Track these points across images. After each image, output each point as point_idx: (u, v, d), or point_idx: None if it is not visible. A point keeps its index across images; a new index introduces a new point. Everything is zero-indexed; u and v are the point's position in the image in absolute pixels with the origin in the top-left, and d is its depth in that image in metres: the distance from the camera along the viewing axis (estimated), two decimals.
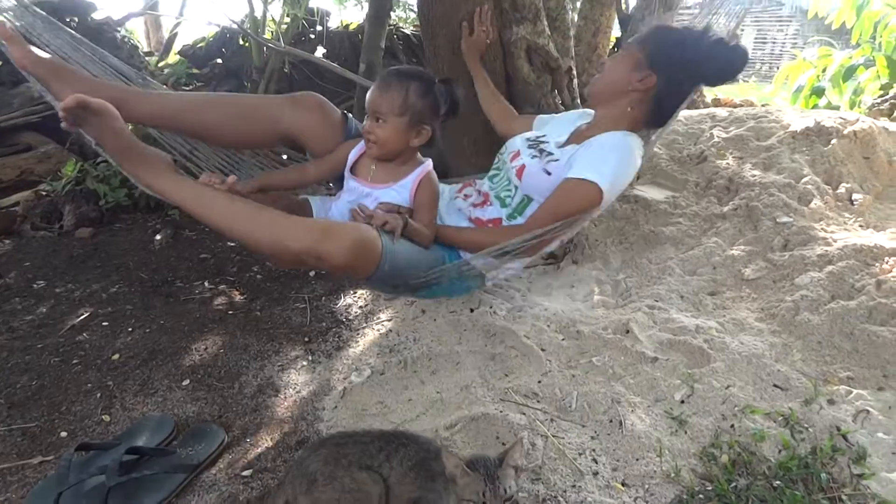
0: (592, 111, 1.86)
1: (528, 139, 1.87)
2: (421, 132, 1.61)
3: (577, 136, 1.79)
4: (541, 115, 2.09)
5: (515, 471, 1.21)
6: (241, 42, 5.04)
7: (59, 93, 1.56)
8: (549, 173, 1.67)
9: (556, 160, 1.69)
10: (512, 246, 1.58)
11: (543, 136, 1.87)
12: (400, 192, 1.64)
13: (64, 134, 3.94)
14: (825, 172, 2.65)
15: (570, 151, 1.70)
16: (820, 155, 2.70)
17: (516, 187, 1.76)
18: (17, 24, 1.63)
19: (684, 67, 1.67)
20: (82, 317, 2.38)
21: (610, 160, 1.62)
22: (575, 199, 1.61)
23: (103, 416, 1.82)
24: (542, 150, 1.76)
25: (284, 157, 2.14)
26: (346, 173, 1.74)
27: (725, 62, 1.69)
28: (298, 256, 1.38)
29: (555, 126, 1.94)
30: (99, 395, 1.91)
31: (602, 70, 1.81)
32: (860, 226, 2.41)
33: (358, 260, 1.42)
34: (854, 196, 2.53)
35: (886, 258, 2.08)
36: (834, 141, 2.72)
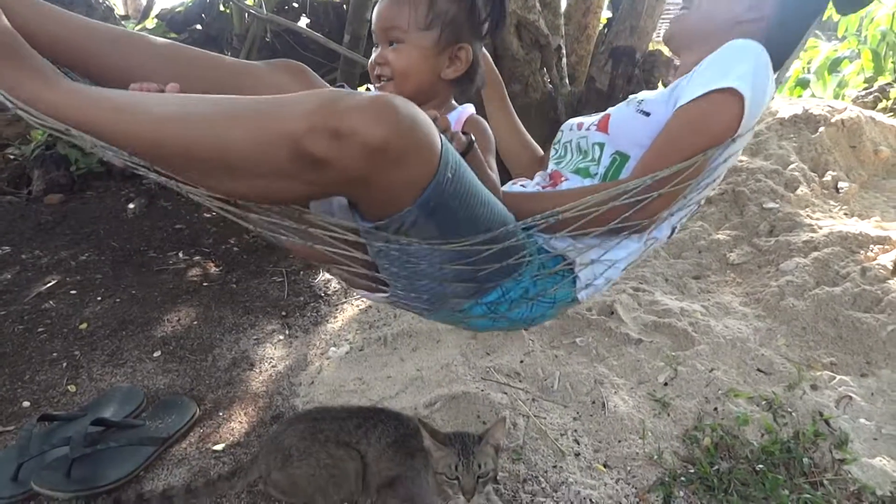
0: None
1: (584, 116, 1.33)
2: (457, 57, 1.12)
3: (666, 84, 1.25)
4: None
5: (496, 450, 1.17)
6: (222, 8, 4.88)
7: None
8: (647, 114, 1.13)
9: (653, 99, 1.15)
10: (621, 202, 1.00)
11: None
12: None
13: None
14: (812, 160, 2.64)
15: (667, 90, 1.15)
16: (807, 142, 2.69)
17: (602, 146, 1.19)
18: None
19: None
20: (49, 284, 2.29)
21: (739, 62, 1.05)
22: (703, 122, 1.03)
23: (69, 387, 1.75)
24: (627, 102, 1.22)
25: None
26: None
27: None
28: (302, 146, 0.74)
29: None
30: (65, 364, 1.84)
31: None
32: (845, 213, 2.41)
33: (405, 138, 0.77)
34: (840, 184, 2.52)
35: (871, 245, 2.08)
36: (821, 129, 2.71)
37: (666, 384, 1.70)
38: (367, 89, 1.17)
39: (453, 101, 1.20)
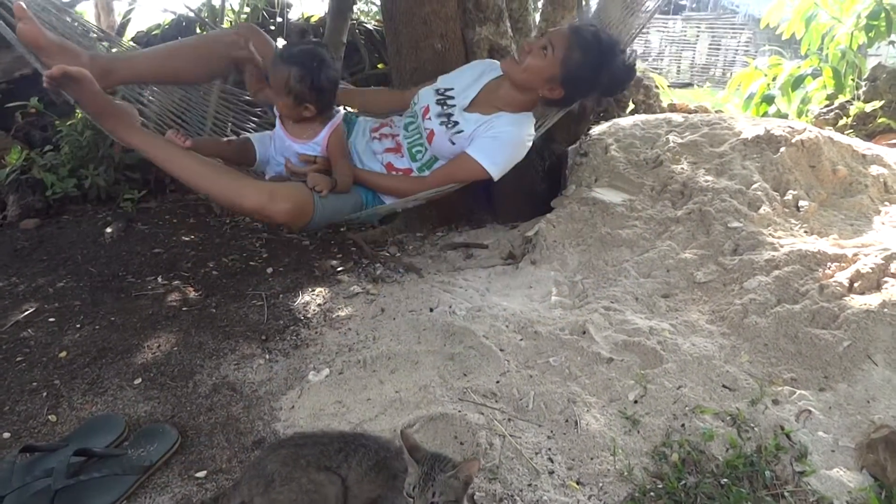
0: (499, 64, 2.27)
1: (436, 91, 2.25)
2: (306, 108, 2.02)
3: (484, 101, 2.19)
4: (442, 76, 2.38)
5: (465, 484, 1.19)
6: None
7: (47, 62, 1.84)
8: (453, 143, 2.15)
9: (461, 132, 2.13)
10: (417, 197, 2.17)
11: (451, 89, 2.24)
12: (314, 147, 2.08)
13: (8, 120, 3.78)
14: (774, 179, 2.75)
15: (473, 122, 2.14)
16: (769, 162, 2.80)
17: (426, 148, 2.22)
18: (25, 3, 1.93)
19: (587, 87, 2.16)
20: (27, 312, 2.29)
21: (505, 152, 2.12)
22: (468, 173, 2.13)
23: (49, 417, 1.76)
24: (448, 117, 2.17)
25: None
26: (276, 121, 2.16)
27: (619, 82, 2.23)
28: (250, 213, 2.03)
29: (461, 78, 2.28)
30: (45, 394, 1.85)
31: (528, 60, 2.11)
32: (805, 232, 2.51)
33: (296, 217, 1.89)
34: (800, 203, 2.63)
35: (829, 263, 2.17)
36: (783, 149, 2.82)
37: (636, 402, 1.77)
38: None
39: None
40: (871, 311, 1.91)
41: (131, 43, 3.99)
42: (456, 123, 2.16)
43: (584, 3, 4.00)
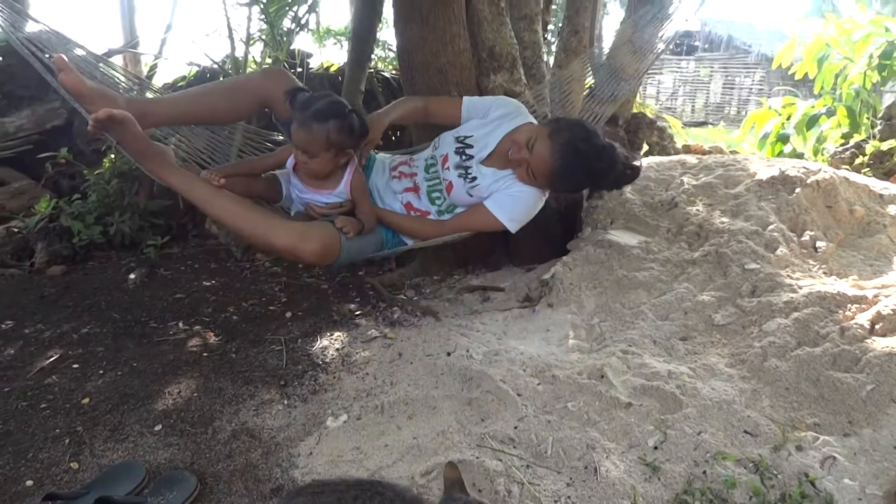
0: (523, 109, 2.47)
1: (456, 139, 2.35)
2: (345, 155, 2.10)
3: (502, 156, 2.28)
4: (467, 100, 2.50)
5: None
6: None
7: (89, 107, 1.95)
8: (471, 195, 2.30)
9: (478, 185, 2.28)
10: (435, 241, 2.35)
11: (470, 137, 2.34)
12: (339, 195, 2.18)
13: (38, 170, 3.91)
14: (790, 220, 2.75)
15: (490, 177, 2.28)
16: (785, 203, 2.80)
17: (445, 196, 2.35)
18: (66, 56, 2.05)
19: (582, 186, 2.55)
20: (52, 359, 2.34)
21: (523, 209, 2.30)
22: (485, 224, 2.31)
23: (71, 464, 1.78)
24: (466, 170, 2.29)
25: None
26: (289, 170, 2.24)
27: (614, 183, 2.41)
28: (281, 252, 2.00)
29: (482, 127, 2.38)
30: (67, 441, 1.87)
31: (520, 171, 2.27)
32: (824, 273, 2.50)
33: (324, 257, 2.00)
34: (818, 244, 2.62)
35: (849, 305, 2.15)
36: (798, 190, 2.83)
37: (656, 448, 1.75)
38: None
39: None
40: (894, 354, 1.88)
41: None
42: (474, 178, 2.28)
43: (595, 49, 4.10)
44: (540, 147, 2.19)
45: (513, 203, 2.27)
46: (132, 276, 3.11)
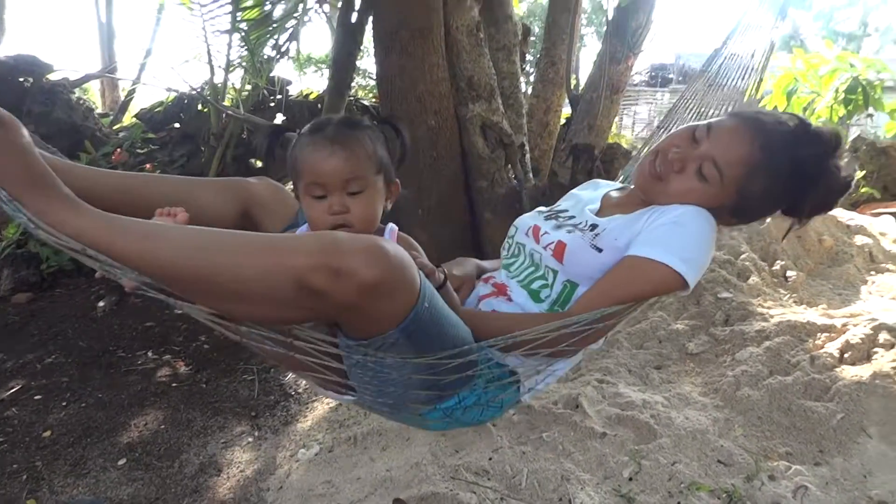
0: (613, 183, 1.50)
1: (541, 212, 1.41)
2: (392, 190, 1.22)
3: (615, 206, 1.34)
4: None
5: None
6: (200, 108, 5.07)
7: None
8: (599, 250, 1.20)
9: (605, 230, 1.23)
10: (561, 346, 1.13)
11: (559, 206, 1.44)
12: None
13: None
14: (761, 250, 2.79)
15: (620, 221, 1.25)
16: (756, 233, 2.85)
17: (555, 272, 1.25)
18: None
19: (770, 212, 1.32)
20: (13, 390, 2.26)
21: (694, 245, 1.16)
22: (647, 283, 1.15)
23: (28, 501, 1.71)
24: (575, 224, 1.29)
25: None
26: None
27: (824, 197, 1.23)
28: (306, 280, 0.87)
29: (566, 200, 1.45)
30: (25, 476, 1.80)
31: (676, 183, 1.22)
32: (794, 301, 2.53)
33: (394, 277, 0.92)
34: (788, 273, 2.66)
35: (819, 334, 2.18)
36: (768, 219, 2.88)
37: (630, 479, 1.73)
38: None
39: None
40: (863, 383, 1.90)
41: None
42: (594, 226, 1.26)
43: (572, 81, 4.17)
44: (721, 131, 1.24)
45: (677, 235, 1.16)
46: (101, 303, 3.04)
